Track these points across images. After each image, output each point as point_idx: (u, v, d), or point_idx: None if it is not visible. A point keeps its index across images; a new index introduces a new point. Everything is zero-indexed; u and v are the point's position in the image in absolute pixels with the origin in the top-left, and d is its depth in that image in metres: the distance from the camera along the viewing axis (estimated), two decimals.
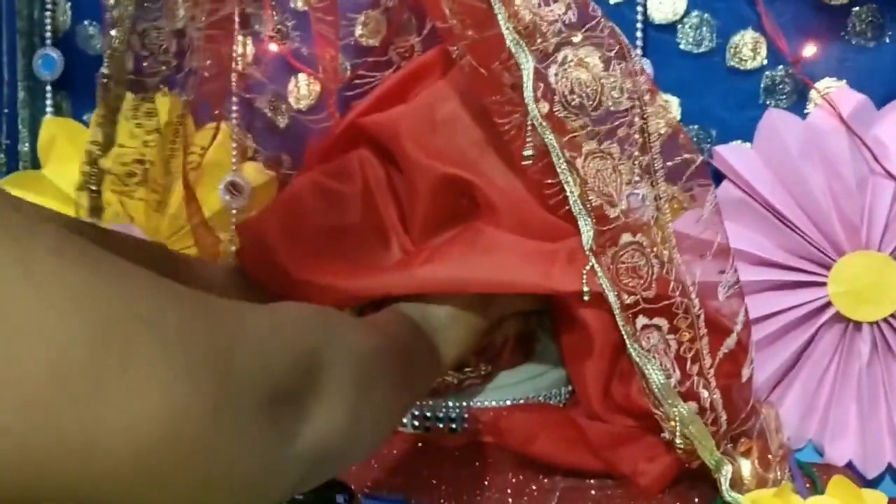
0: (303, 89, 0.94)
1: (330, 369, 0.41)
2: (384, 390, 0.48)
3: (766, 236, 0.80)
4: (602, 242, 0.57)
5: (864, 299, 0.77)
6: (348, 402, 0.42)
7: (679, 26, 0.82)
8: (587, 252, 0.57)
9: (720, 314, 0.62)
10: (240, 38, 0.92)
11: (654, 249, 0.58)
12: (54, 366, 0.27)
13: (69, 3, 1.02)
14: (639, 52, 0.82)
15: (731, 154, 0.80)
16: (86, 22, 1.02)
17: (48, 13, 1.01)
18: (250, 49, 0.94)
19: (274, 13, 0.93)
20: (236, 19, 0.92)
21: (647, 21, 0.82)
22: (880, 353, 0.77)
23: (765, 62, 0.81)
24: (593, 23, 0.56)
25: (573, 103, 0.56)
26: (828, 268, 0.78)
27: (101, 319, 0.28)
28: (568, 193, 0.56)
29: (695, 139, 0.82)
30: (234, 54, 0.93)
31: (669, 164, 0.58)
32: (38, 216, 0.43)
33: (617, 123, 0.57)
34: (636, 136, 0.57)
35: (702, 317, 0.60)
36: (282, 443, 0.36)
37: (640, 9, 0.82)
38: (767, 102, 0.81)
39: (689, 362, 0.60)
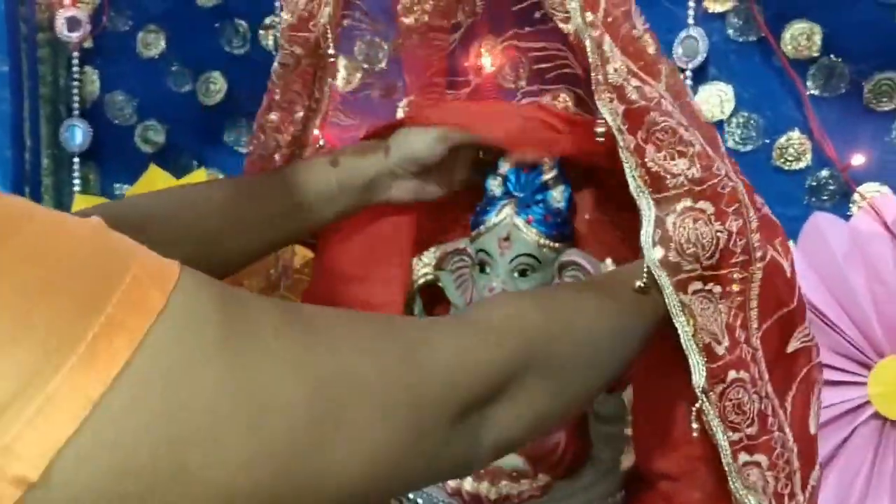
0: None
1: (524, 377, 0.48)
2: (598, 370, 0.56)
3: None
4: (712, 381, 0.59)
5: None
6: (539, 405, 0.49)
7: (726, 125, 0.83)
8: (698, 391, 0.59)
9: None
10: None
11: (757, 385, 0.60)
12: (287, 426, 0.34)
13: (97, 73, 1.00)
14: None
15: None
16: (115, 92, 1.00)
17: (75, 82, 0.98)
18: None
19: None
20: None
21: None
22: None
23: (810, 163, 0.82)
24: (715, 180, 0.58)
25: (688, 251, 0.57)
26: (868, 367, 0.81)
27: (315, 383, 0.36)
28: (681, 332, 0.58)
29: None
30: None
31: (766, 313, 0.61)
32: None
33: (725, 272, 0.58)
34: (737, 286, 0.59)
35: (795, 451, 0.62)
36: (472, 445, 0.45)
37: None
38: (811, 202, 0.83)
39: (786, 499, 0.62)
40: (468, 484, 0.77)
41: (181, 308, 0.32)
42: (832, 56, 0.80)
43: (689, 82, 0.83)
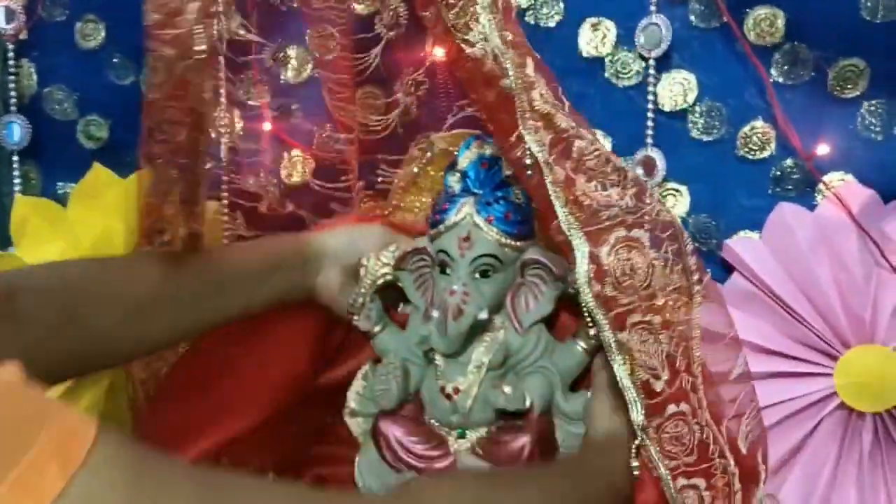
0: (297, 165, 0.90)
1: None
2: None
3: (774, 326, 0.81)
4: (650, 417, 0.57)
5: (868, 391, 0.79)
6: None
7: (689, 114, 0.81)
8: (637, 428, 0.57)
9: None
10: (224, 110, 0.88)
11: (697, 416, 0.58)
12: None
13: (34, 66, 0.94)
14: (649, 140, 0.81)
15: (741, 247, 0.80)
16: (54, 86, 0.95)
17: (11, 76, 0.93)
18: (238, 123, 0.89)
19: (264, 87, 0.88)
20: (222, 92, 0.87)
21: (657, 108, 0.81)
22: (882, 442, 0.80)
23: (774, 153, 0.81)
24: (648, 207, 0.55)
25: (624, 284, 0.55)
26: (834, 359, 0.80)
27: None
28: (617, 372, 0.56)
29: (703, 228, 0.81)
30: (220, 127, 0.88)
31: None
32: None
33: (663, 301, 0.56)
34: (676, 315, 0.57)
35: (737, 475, 0.61)
36: None
37: (650, 97, 0.81)
38: (776, 192, 0.81)
39: None
40: None
41: (82, 492, 0.29)
42: (796, 42, 0.78)
43: (651, 71, 0.81)
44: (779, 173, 0.81)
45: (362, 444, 0.83)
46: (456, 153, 0.78)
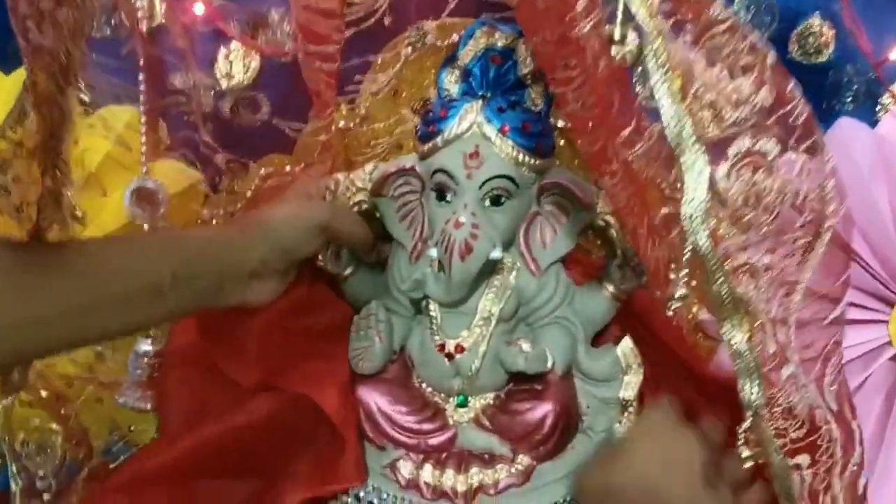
0: (236, 64, 0.70)
1: None
2: None
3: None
4: (767, 392, 0.43)
5: None
6: None
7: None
8: (751, 409, 0.43)
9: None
10: None
11: (806, 375, 0.45)
12: None
13: None
14: None
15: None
16: None
17: None
18: (159, 6, 0.69)
19: None
20: None
21: None
22: None
23: (832, 57, 0.67)
24: (789, 106, 0.40)
25: (744, 217, 0.40)
26: (890, 304, 0.68)
27: None
28: (730, 337, 0.41)
29: None
30: (137, 11, 0.68)
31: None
32: None
33: (786, 237, 0.41)
34: (798, 254, 0.42)
35: (839, 440, 0.48)
36: None
37: None
38: (831, 104, 0.68)
39: (820, 494, 0.49)
40: (427, 473, 0.60)
41: None
42: None
43: None
44: (836, 82, 0.67)
45: None
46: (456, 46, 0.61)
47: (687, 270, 0.41)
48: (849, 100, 0.68)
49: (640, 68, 0.38)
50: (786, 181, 0.40)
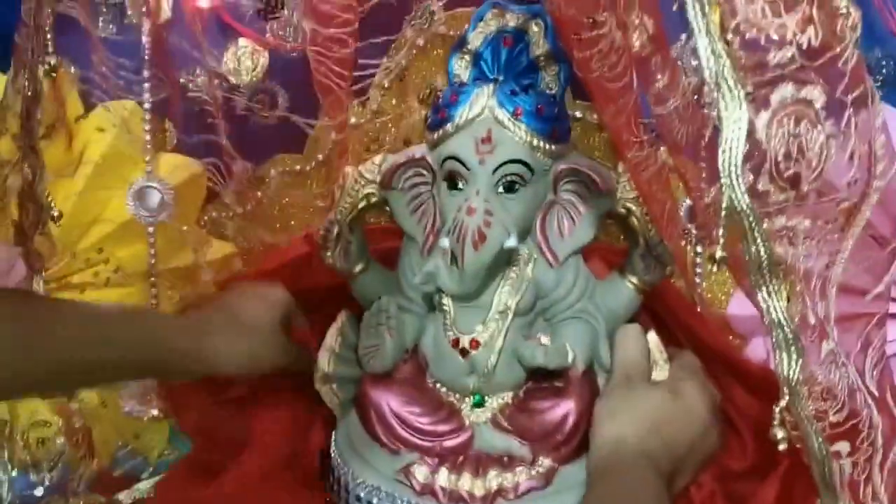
0: (244, 60, 0.69)
1: None
2: None
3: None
4: (805, 368, 0.39)
5: None
6: None
7: None
8: (790, 383, 0.39)
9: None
10: None
11: (845, 354, 0.41)
12: None
13: None
14: None
15: None
16: None
17: None
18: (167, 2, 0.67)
19: None
20: None
21: None
22: None
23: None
24: (838, 49, 0.36)
25: (786, 173, 0.36)
26: None
27: None
28: (766, 303, 0.38)
29: None
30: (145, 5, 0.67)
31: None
32: None
33: (827, 199, 0.38)
34: (834, 221, 0.39)
35: (880, 427, 0.45)
36: None
37: None
38: None
39: (861, 485, 0.45)
40: (443, 478, 0.57)
41: None
42: None
43: None
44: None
45: (341, 417, 0.64)
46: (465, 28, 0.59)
47: (724, 230, 0.38)
48: (878, 84, 0.65)
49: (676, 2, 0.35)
50: (831, 134, 0.37)
